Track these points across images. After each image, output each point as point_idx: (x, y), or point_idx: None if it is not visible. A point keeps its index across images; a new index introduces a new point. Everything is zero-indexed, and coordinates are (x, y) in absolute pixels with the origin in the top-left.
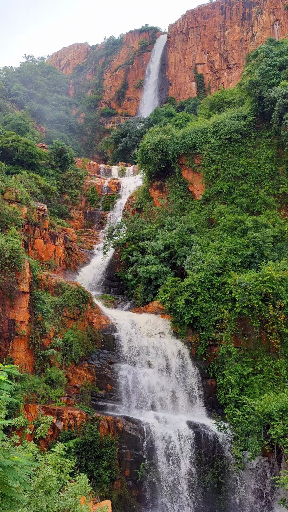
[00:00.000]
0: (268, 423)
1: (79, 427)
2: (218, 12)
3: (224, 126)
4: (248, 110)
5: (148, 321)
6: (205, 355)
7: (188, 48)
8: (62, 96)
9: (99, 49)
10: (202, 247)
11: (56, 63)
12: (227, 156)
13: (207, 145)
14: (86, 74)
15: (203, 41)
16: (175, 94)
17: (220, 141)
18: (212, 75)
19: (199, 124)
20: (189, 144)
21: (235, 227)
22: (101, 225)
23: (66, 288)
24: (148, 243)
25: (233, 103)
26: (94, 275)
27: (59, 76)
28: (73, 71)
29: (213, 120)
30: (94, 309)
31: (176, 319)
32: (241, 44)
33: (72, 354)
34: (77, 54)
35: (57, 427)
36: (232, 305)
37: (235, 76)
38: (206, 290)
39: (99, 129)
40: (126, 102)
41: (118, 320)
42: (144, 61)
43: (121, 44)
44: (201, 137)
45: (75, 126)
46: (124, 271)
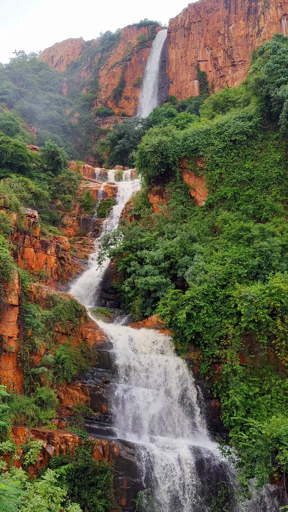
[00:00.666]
0: (277, 448)
1: (72, 452)
2: (222, 6)
3: (228, 127)
4: (254, 110)
5: (147, 336)
6: (208, 373)
7: (190, 44)
8: (55, 94)
9: (95, 45)
10: (205, 257)
11: (49, 59)
12: (231, 159)
13: (210, 147)
14: (81, 71)
15: (206, 36)
16: (176, 93)
17: (224, 143)
18: (215, 72)
19: (202, 125)
20: (191, 147)
21: (241, 236)
22: (96, 233)
23: (58, 300)
24: (147, 253)
25: (238, 103)
26: (89, 287)
27: (51, 73)
28: (67, 68)
29: (217, 120)
30: (88, 324)
31: (177, 335)
32: (247, 40)
33: (64, 373)
34: (71, 50)
35: (47, 452)
36: (237, 320)
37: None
38: (209, 303)
39: (95, 130)
40: (123, 101)
41: (114, 335)
42: (143, 58)
43: (118, 39)
44: (203, 139)
45: (69, 127)
46: (121, 283)
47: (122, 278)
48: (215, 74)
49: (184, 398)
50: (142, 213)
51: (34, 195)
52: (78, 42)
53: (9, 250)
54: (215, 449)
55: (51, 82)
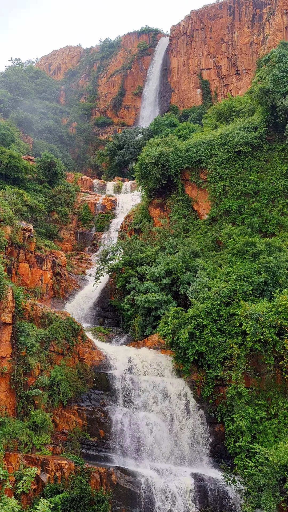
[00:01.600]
0: (285, 476)
1: (67, 480)
2: (226, 13)
3: (232, 137)
4: (259, 120)
5: (147, 357)
6: (211, 396)
7: (193, 52)
8: (52, 103)
9: (94, 52)
10: (208, 273)
11: (46, 67)
12: (236, 171)
13: (214, 158)
14: (79, 79)
15: (209, 44)
16: (178, 102)
17: (228, 154)
18: (219, 81)
19: (205, 136)
20: (194, 158)
21: (246, 251)
22: (94, 247)
23: (54, 319)
24: (147, 268)
25: (243, 113)
26: (86, 304)
27: (48, 81)
28: (65, 76)
29: (221, 131)
30: (85, 343)
31: (179, 355)
32: (251, 48)
33: (60, 395)
34: (69, 57)
35: (41, 480)
36: (242, 339)
37: (245, 83)
38: (213, 322)
39: (93, 140)
40: (123, 110)
41: (112, 356)
42: (144, 66)
43: (118, 47)
44: (207, 149)
45: (66, 137)
46: (120, 300)
47: (121, 295)
48: (219, 82)
49: (186, 423)
50: (143, 227)
51: (29, 207)
52: (76, 50)
53: (2, 266)
54: (219, 477)
55: (48, 90)
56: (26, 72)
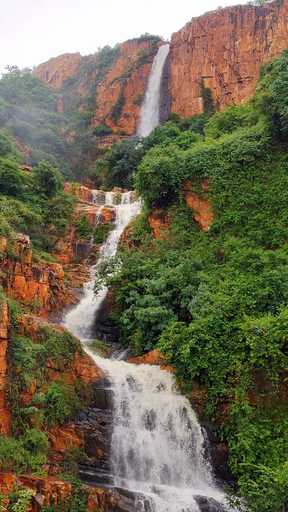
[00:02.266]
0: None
1: (64, 501)
2: (228, 20)
3: (235, 147)
4: (262, 129)
5: (147, 373)
6: (214, 414)
7: (194, 60)
8: (50, 112)
9: (92, 60)
10: (211, 286)
11: (43, 75)
12: (238, 181)
13: (216, 168)
14: (77, 87)
15: (211, 52)
16: (178, 111)
17: (231, 164)
18: (221, 89)
19: (207, 145)
20: (195, 168)
21: (249, 263)
22: (93, 259)
23: (51, 333)
24: (148, 281)
25: (245, 122)
26: (84, 319)
27: (46, 89)
28: (63, 84)
29: (223, 140)
30: (83, 359)
31: (180, 371)
32: (254, 56)
33: (57, 413)
34: (67, 65)
35: (37, 502)
36: (246, 355)
37: (247, 91)
38: (215, 337)
39: (92, 149)
40: (122, 119)
41: (111, 372)
42: (144, 74)
43: (117, 54)
44: (208, 159)
45: (64, 146)
46: (119, 314)
47: (120, 309)
48: (221, 91)
49: (188, 442)
50: (142, 239)
51: (26, 219)
52: (74, 57)
53: None
54: (222, 499)
55: (46, 99)
56: (23, 80)
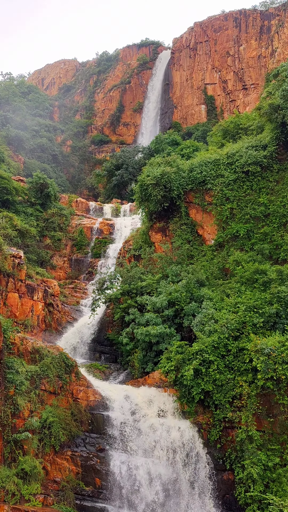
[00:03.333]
0: None
1: None
2: (232, 25)
3: (240, 157)
4: (268, 138)
5: (148, 396)
6: (219, 440)
7: (196, 66)
8: (45, 120)
9: (90, 66)
10: (215, 303)
11: (39, 82)
12: (244, 193)
13: (220, 179)
14: (74, 95)
15: (214, 57)
16: (180, 119)
17: (236, 174)
18: (224, 97)
19: (210, 155)
20: (198, 178)
21: (255, 279)
22: (90, 275)
23: (46, 354)
24: (148, 298)
25: (251, 130)
26: (81, 338)
27: (41, 97)
28: (59, 91)
29: (227, 150)
30: (80, 381)
31: (183, 394)
32: (259, 62)
33: (52, 439)
34: (63, 71)
35: None
36: (253, 377)
37: (253, 99)
38: (221, 358)
39: (89, 159)
40: (121, 128)
41: (110, 395)
42: (144, 80)
43: (116, 60)
44: (212, 170)
45: (60, 156)
46: (118, 333)
47: (119, 328)
48: (225, 98)
49: (192, 470)
50: (143, 253)
51: (19, 232)
52: (71, 63)
53: None
54: None
55: (41, 106)
56: (17, 87)
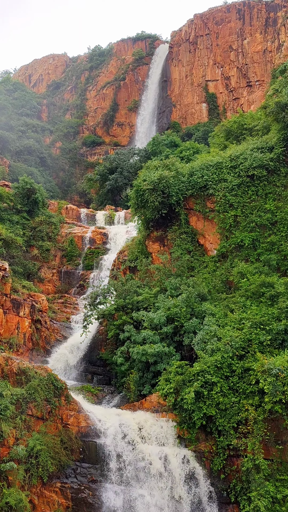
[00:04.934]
0: None
1: None
2: (235, 17)
3: (244, 160)
4: (275, 139)
5: (145, 422)
6: (223, 470)
7: (197, 61)
8: (33, 120)
9: (81, 62)
10: (218, 319)
11: (26, 78)
12: (249, 199)
13: (223, 184)
14: (64, 92)
15: (216, 52)
16: (180, 119)
17: (240, 179)
18: (227, 94)
19: (212, 157)
20: (199, 183)
21: (262, 293)
22: (82, 289)
23: (33, 375)
24: (145, 314)
25: (256, 131)
26: (71, 358)
27: (28, 95)
28: (47, 88)
29: (230, 152)
30: (70, 405)
31: (183, 420)
32: (265, 57)
33: (39, 469)
34: (52, 67)
35: None
36: (259, 400)
37: (258, 96)
38: (224, 379)
39: (80, 162)
40: (116, 128)
41: (103, 420)
42: (140, 77)
43: (109, 55)
44: (214, 174)
45: (49, 159)
46: (112, 353)
47: (113, 347)
48: (227, 96)
49: (193, 504)
50: (139, 265)
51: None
52: (61, 59)
53: None
54: None
55: (28, 105)
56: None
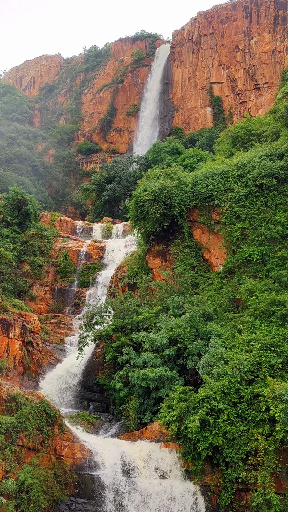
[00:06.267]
0: None
1: None
2: (241, 15)
3: (252, 168)
4: (286, 146)
5: (146, 453)
6: (231, 505)
7: (201, 62)
8: (24, 125)
9: (77, 63)
10: (225, 340)
11: (17, 81)
12: (257, 210)
13: (229, 194)
14: (58, 96)
15: (221, 52)
16: (182, 124)
17: (248, 188)
18: (233, 97)
19: (217, 165)
20: (204, 193)
21: (272, 312)
22: (77, 308)
23: (24, 402)
24: (146, 335)
25: (265, 137)
26: (65, 383)
27: (20, 98)
28: (40, 92)
29: (237, 159)
30: (64, 435)
31: (188, 450)
32: (274, 57)
33: (31, 505)
34: (45, 69)
35: None
36: (270, 429)
37: (266, 100)
38: (232, 406)
39: (75, 171)
40: (113, 134)
41: (100, 451)
42: (139, 79)
43: (107, 56)
44: (220, 183)
45: (41, 167)
46: (110, 377)
47: (111, 371)
48: (234, 99)
49: None
50: (139, 282)
51: None
52: (55, 60)
53: None
54: None
55: (19, 109)
56: None
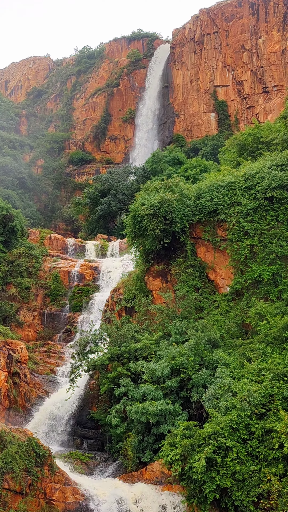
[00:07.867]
0: None
1: None
2: (247, 12)
3: (261, 179)
4: None
5: (146, 496)
6: None
7: (203, 64)
8: (10, 134)
9: (67, 65)
10: (233, 370)
11: (2, 85)
12: (267, 225)
13: (236, 208)
14: (47, 101)
15: (226, 53)
16: (184, 131)
17: (256, 202)
18: (240, 102)
19: (223, 176)
20: (208, 207)
21: (285, 338)
22: (68, 335)
23: (10, 440)
24: (145, 365)
25: (274, 145)
26: (56, 419)
27: (5, 104)
28: (27, 97)
29: (245, 170)
30: (55, 477)
31: (193, 493)
32: (284, 58)
33: None
34: (33, 72)
35: None
36: (284, 468)
37: (276, 104)
38: (241, 443)
39: (66, 183)
40: (108, 142)
41: (95, 495)
42: (136, 82)
43: (100, 57)
44: (226, 196)
45: (29, 180)
46: (106, 412)
47: (107, 405)
48: (240, 104)
49: None
50: (137, 305)
51: None
52: (43, 62)
53: None
54: None
55: (4, 116)
56: None
